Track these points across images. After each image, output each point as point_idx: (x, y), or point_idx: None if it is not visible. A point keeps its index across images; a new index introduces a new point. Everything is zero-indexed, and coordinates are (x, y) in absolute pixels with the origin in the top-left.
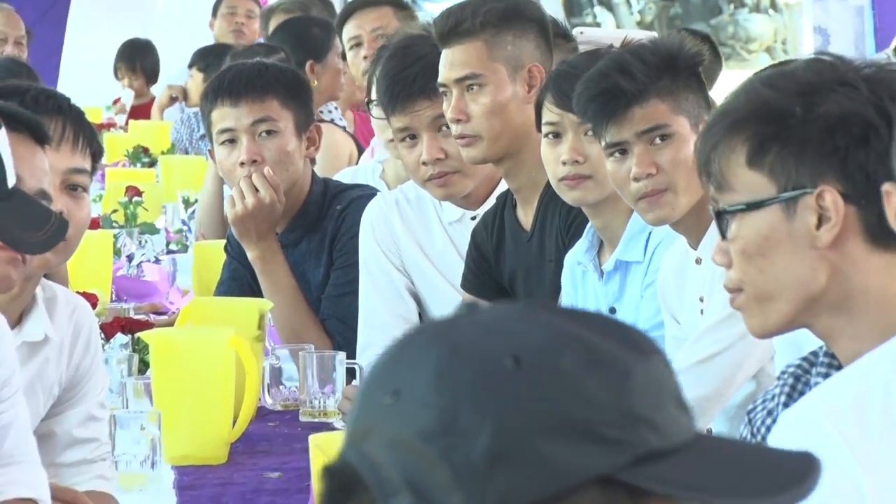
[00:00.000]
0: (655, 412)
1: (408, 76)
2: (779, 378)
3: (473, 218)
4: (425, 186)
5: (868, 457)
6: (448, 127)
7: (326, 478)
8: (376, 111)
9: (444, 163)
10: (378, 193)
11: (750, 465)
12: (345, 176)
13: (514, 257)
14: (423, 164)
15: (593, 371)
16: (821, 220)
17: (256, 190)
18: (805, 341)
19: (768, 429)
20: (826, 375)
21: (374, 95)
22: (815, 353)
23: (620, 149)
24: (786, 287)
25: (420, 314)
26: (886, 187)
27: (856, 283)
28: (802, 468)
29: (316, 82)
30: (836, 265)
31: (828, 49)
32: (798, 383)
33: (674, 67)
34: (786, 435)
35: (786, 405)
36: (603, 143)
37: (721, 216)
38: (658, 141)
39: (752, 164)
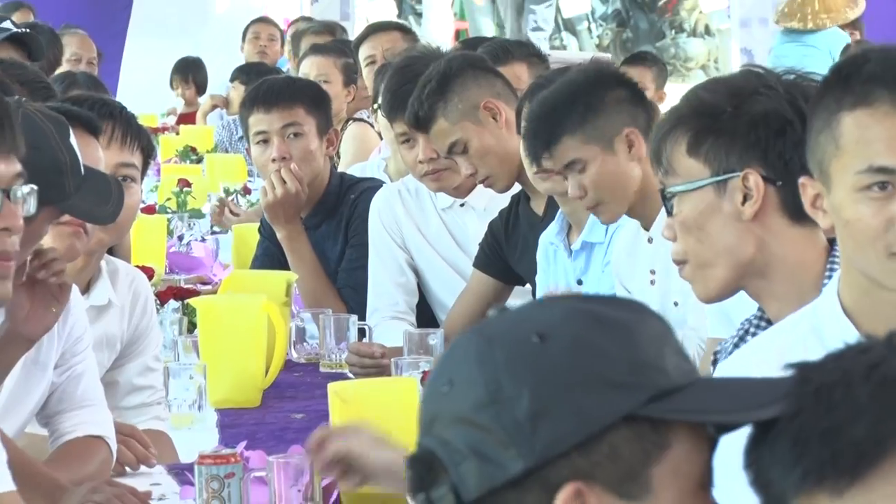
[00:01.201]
0: (660, 359)
1: (405, 92)
2: (737, 330)
3: (462, 205)
4: (422, 181)
5: None
6: None
7: (410, 466)
8: (382, 115)
9: (437, 161)
10: (384, 185)
11: (742, 391)
12: (355, 170)
13: (526, 240)
14: (420, 162)
15: (603, 333)
16: (745, 198)
17: (285, 182)
18: (734, 312)
19: None
20: (758, 328)
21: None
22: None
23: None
24: (719, 254)
25: (418, 284)
26: (802, 180)
27: (776, 251)
28: (781, 386)
29: (353, 97)
30: (759, 236)
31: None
32: (745, 338)
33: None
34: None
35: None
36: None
37: (667, 197)
38: (577, 172)
39: (691, 153)
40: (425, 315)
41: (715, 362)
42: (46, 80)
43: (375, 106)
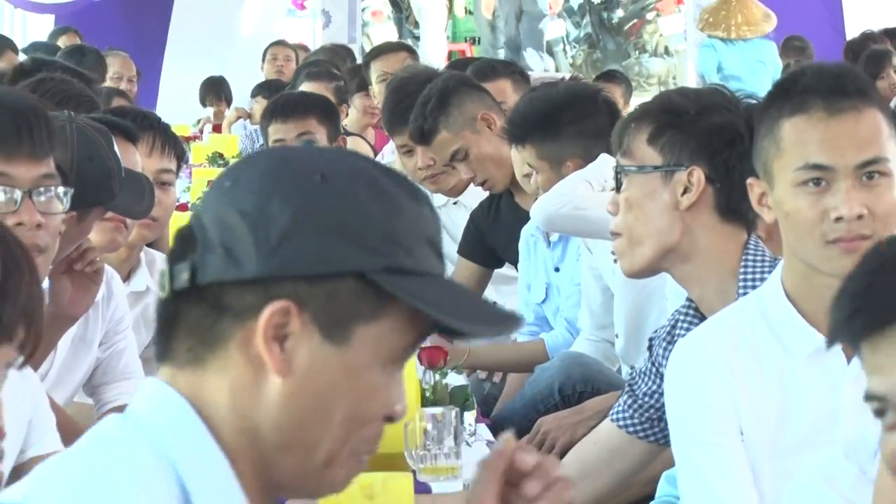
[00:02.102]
0: (412, 242)
1: (402, 108)
2: (668, 320)
3: (455, 203)
4: (422, 184)
5: (739, 371)
6: None
7: (176, 237)
8: None
9: (434, 167)
10: None
11: (472, 303)
12: None
13: (511, 229)
14: (419, 169)
15: (375, 199)
16: (685, 191)
17: None
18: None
19: (665, 356)
20: (686, 316)
21: None
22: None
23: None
24: (650, 235)
25: None
26: (750, 180)
27: (700, 242)
28: (509, 317)
29: (345, 114)
30: (688, 225)
31: (701, 82)
32: (676, 326)
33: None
34: (681, 357)
35: (668, 341)
36: None
37: (619, 174)
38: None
39: (650, 142)
40: None
41: (650, 347)
42: (91, 94)
43: None
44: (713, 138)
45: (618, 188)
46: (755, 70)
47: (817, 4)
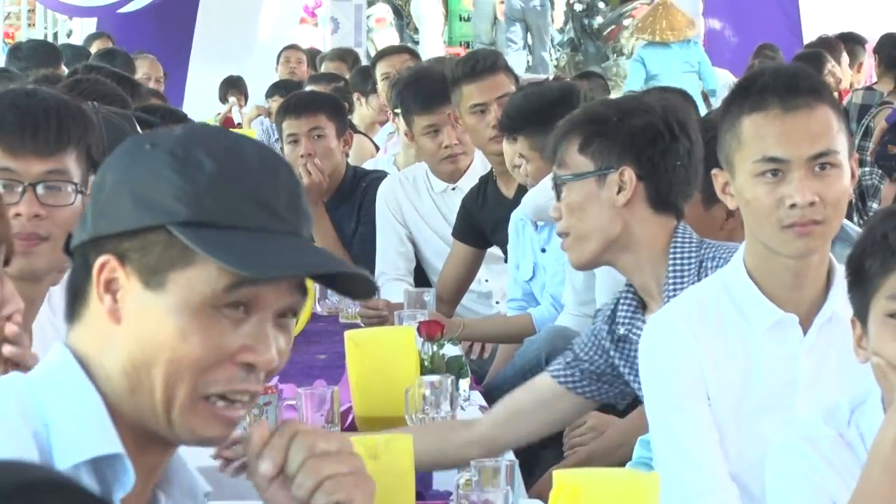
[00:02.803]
0: (220, 198)
1: (426, 94)
2: (612, 299)
3: (453, 189)
4: (441, 164)
5: (705, 342)
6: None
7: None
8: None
9: (458, 146)
10: (388, 175)
11: (274, 253)
12: (369, 164)
13: (496, 214)
14: (445, 147)
15: (182, 163)
16: (619, 189)
17: (310, 173)
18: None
19: (621, 339)
20: (626, 298)
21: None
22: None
23: None
24: (594, 231)
25: (415, 253)
26: (714, 171)
27: (637, 232)
28: (318, 261)
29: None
30: (626, 220)
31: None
32: (618, 306)
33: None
34: (653, 330)
35: (611, 319)
36: None
37: (557, 184)
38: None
39: (581, 151)
40: (421, 277)
41: (595, 319)
42: (122, 93)
43: (397, 111)
44: (636, 139)
45: (558, 196)
46: (683, 70)
47: (777, 11)
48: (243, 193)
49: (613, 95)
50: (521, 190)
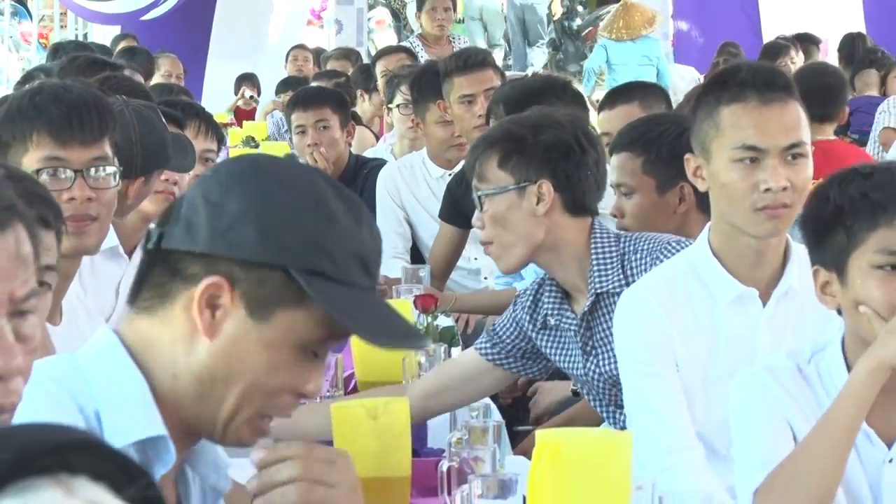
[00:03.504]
0: (339, 254)
1: (433, 88)
2: (532, 284)
3: (450, 174)
4: (448, 151)
5: (674, 315)
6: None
7: (167, 206)
8: (399, 110)
9: (461, 136)
10: (388, 163)
11: (382, 317)
12: (370, 153)
13: None
14: (455, 136)
15: (313, 210)
16: (539, 200)
17: (317, 161)
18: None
19: (549, 327)
20: (551, 286)
21: (397, 101)
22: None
23: None
24: (520, 239)
25: (412, 233)
26: (687, 156)
27: (559, 235)
28: (411, 334)
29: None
30: (548, 226)
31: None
32: (540, 290)
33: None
34: (626, 305)
35: (532, 302)
36: None
37: (479, 197)
38: None
39: (500, 166)
40: (416, 255)
41: (515, 303)
42: (146, 88)
43: (391, 105)
44: (551, 155)
45: (480, 208)
46: (641, 63)
47: (739, 13)
48: (352, 251)
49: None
50: None
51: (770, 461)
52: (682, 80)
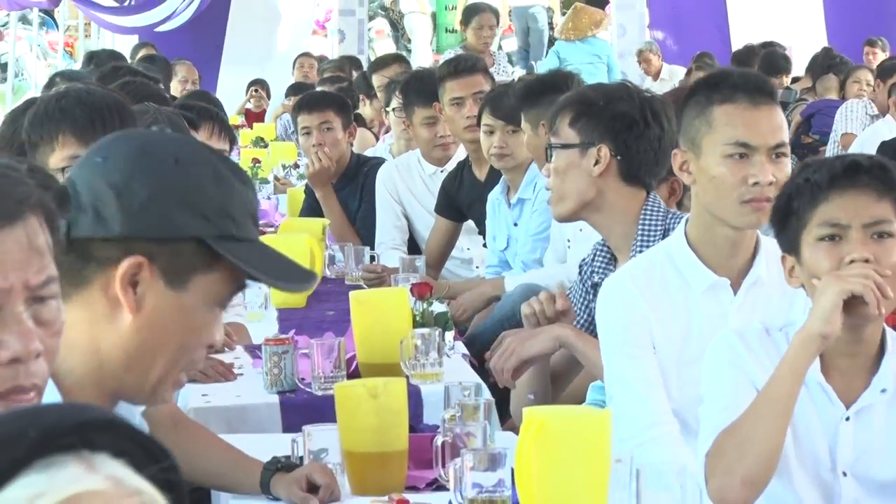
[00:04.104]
0: (239, 216)
1: (426, 91)
2: (590, 252)
3: (442, 171)
4: (434, 150)
5: (652, 301)
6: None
7: (57, 190)
8: (395, 113)
9: (448, 137)
10: (386, 161)
11: (278, 263)
12: (370, 153)
13: (471, 193)
14: (439, 136)
15: (214, 181)
16: (596, 162)
17: (321, 160)
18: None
19: (595, 286)
20: (602, 251)
21: (393, 104)
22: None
23: None
24: (573, 193)
25: (409, 226)
26: (675, 151)
27: (608, 198)
28: (304, 274)
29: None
30: (600, 188)
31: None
32: (595, 256)
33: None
34: (608, 292)
35: (590, 267)
36: None
37: (550, 148)
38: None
39: (571, 125)
40: (413, 246)
41: (580, 271)
42: (164, 93)
43: (388, 109)
44: (616, 123)
45: (549, 159)
46: (591, 61)
47: (710, 25)
48: (246, 210)
49: None
50: (493, 172)
51: (726, 425)
52: (674, 78)
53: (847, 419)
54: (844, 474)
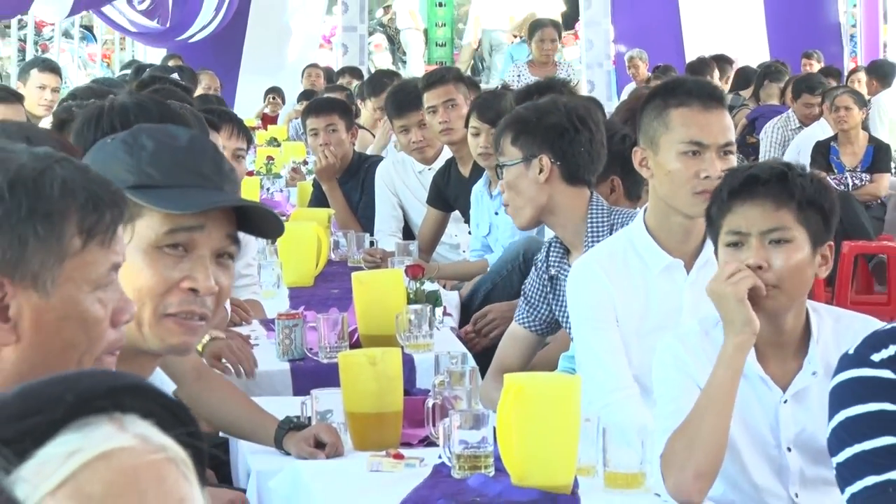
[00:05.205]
0: (162, 168)
1: (400, 101)
2: (544, 247)
3: (430, 169)
4: (411, 153)
5: (615, 280)
6: (423, 125)
7: None
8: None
9: (423, 142)
10: (384, 159)
11: (193, 198)
12: (370, 151)
13: (457, 187)
14: (413, 142)
15: (125, 153)
16: (541, 171)
17: (328, 157)
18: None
19: (552, 278)
20: (556, 246)
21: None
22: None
23: None
24: (527, 202)
25: (403, 215)
26: (635, 148)
27: (558, 200)
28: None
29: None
30: (549, 192)
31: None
32: (549, 251)
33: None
34: (576, 273)
35: (545, 263)
36: None
37: (499, 167)
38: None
39: (513, 143)
40: (407, 233)
41: (535, 266)
42: (190, 99)
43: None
44: (550, 134)
45: (500, 177)
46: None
47: (668, 39)
48: (176, 162)
49: None
50: (476, 168)
51: (675, 427)
52: None
53: (785, 402)
54: (789, 449)
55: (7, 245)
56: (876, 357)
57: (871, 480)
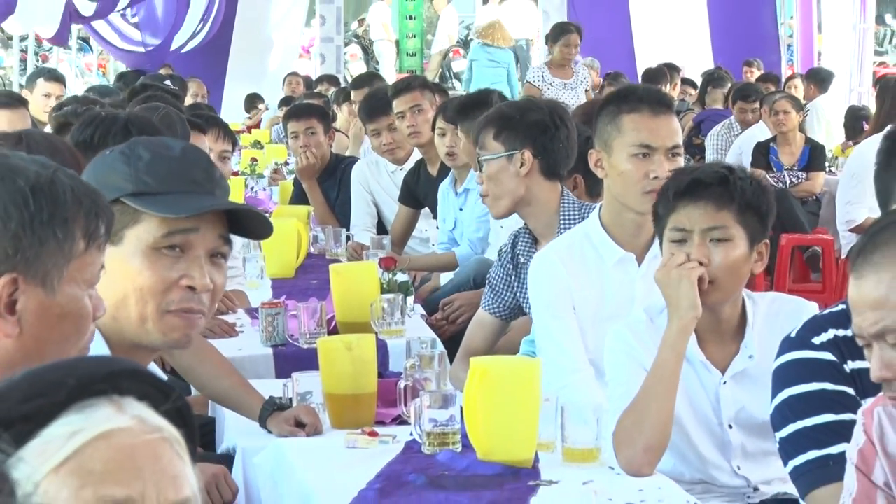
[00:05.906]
0: (155, 176)
1: (372, 106)
2: (511, 236)
3: (402, 169)
4: (383, 155)
5: (572, 271)
6: (393, 128)
7: None
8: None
9: (393, 143)
10: (359, 160)
11: (185, 203)
12: (343, 152)
13: (426, 186)
14: (384, 143)
15: (123, 163)
16: (522, 164)
17: (308, 158)
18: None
19: (519, 265)
20: (524, 235)
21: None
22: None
23: None
24: (506, 193)
25: (378, 212)
26: (591, 150)
27: (535, 193)
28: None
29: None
30: (527, 185)
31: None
32: (517, 241)
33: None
34: (537, 264)
35: (511, 251)
36: None
37: (480, 161)
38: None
39: (495, 138)
40: (381, 228)
41: (499, 255)
42: (179, 104)
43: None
44: (533, 130)
45: (481, 169)
46: (491, 66)
47: (620, 49)
48: (170, 171)
49: None
50: (443, 168)
51: (625, 407)
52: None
53: (724, 383)
54: (730, 426)
55: (28, 245)
56: (816, 340)
57: (812, 454)
